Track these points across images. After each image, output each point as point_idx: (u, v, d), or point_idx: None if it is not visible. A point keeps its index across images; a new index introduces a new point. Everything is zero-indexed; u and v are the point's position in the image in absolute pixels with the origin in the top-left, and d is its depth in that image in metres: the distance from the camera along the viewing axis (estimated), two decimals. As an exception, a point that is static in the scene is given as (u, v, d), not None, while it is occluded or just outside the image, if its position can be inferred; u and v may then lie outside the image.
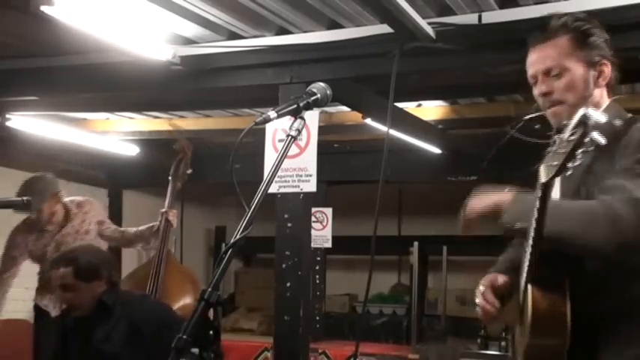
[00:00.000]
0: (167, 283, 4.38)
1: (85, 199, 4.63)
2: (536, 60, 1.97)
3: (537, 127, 2.16)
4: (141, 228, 4.60)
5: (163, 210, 4.55)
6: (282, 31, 3.70)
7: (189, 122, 5.94)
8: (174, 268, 4.51)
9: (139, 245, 4.71)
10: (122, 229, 4.67)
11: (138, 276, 4.54)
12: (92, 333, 3.09)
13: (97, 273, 3.12)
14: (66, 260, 3.11)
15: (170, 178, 4.67)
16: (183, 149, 4.70)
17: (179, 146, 4.73)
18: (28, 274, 6.13)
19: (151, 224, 4.58)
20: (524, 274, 1.73)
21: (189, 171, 4.67)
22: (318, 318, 6.38)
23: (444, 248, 6.78)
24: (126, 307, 3.13)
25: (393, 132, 4.68)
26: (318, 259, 6.40)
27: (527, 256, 1.70)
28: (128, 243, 4.69)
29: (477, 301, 2.03)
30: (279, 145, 3.50)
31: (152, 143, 6.45)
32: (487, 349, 6.06)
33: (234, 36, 3.78)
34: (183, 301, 4.27)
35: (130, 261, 6.26)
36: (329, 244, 5.28)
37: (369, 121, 4.73)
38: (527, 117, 1.90)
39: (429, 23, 3.30)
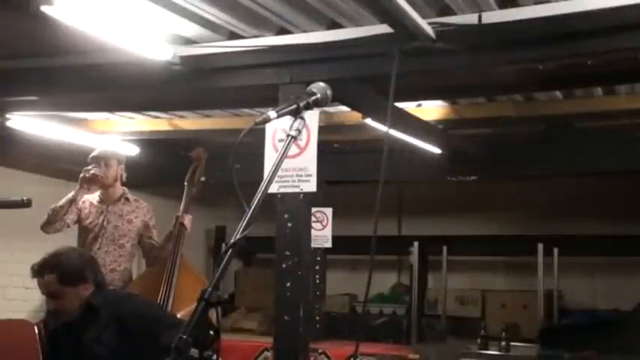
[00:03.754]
0: (180, 286, 4.40)
1: (146, 203, 4.82)
2: None
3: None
4: (161, 243, 4.66)
5: (178, 214, 4.62)
6: (282, 31, 3.70)
7: (189, 122, 5.94)
8: (188, 272, 4.53)
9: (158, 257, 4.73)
10: (156, 243, 4.70)
11: (150, 278, 4.54)
12: (82, 335, 3.06)
13: (82, 276, 3.07)
14: (49, 267, 3.03)
15: (186, 184, 4.74)
16: (199, 157, 4.78)
17: (195, 154, 4.81)
18: (27, 274, 6.13)
19: (167, 234, 4.63)
20: None
21: (203, 178, 4.74)
22: (318, 318, 6.38)
23: (444, 248, 6.79)
24: (114, 307, 3.09)
25: (393, 132, 4.68)
26: (318, 259, 6.40)
27: None
28: (153, 259, 4.71)
29: None
30: (279, 145, 3.49)
31: (152, 143, 6.45)
32: (487, 349, 6.07)
33: (234, 36, 3.78)
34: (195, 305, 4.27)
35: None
36: (329, 244, 5.27)
37: (369, 121, 4.73)
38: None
39: (429, 23, 3.30)
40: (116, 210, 4.61)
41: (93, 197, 4.66)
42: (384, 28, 3.34)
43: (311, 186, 3.58)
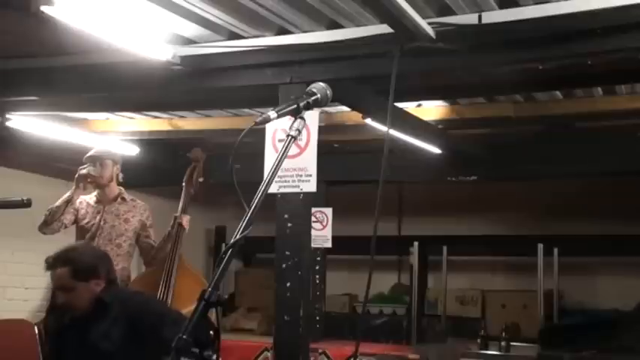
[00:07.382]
0: (178, 287, 4.41)
1: (143, 202, 4.82)
2: None
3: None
4: (160, 243, 4.67)
5: (176, 215, 4.62)
6: (282, 31, 3.70)
7: (189, 122, 5.93)
8: (186, 273, 4.54)
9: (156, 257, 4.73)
10: (153, 242, 4.70)
11: (149, 278, 4.56)
12: (90, 331, 3.07)
13: (94, 271, 3.10)
14: (62, 261, 3.07)
15: (184, 184, 4.76)
16: (197, 158, 4.79)
17: (193, 155, 4.83)
18: (28, 274, 6.13)
19: (165, 234, 4.63)
20: None
21: (201, 179, 4.76)
22: (318, 318, 6.38)
23: (444, 248, 6.79)
24: (123, 304, 3.11)
25: (393, 132, 4.68)
26: (318, 259, 6.39)
27: None
28: (151, 259, 4.71)
29: None
30: (279, 145, 3.50)
31: (152, 143, 6.45)
32: (487, 349, 6.07)
33: (234, 36, 3.78)
34: (194, 306, 4.28)
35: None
36: (329, 244, 5.28)
37: (369, 121, 4.73)
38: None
39: (429, 23, 3.30)
40: (113, 210, 4.62)
41: (90, 197, 4.66)
42: (384, 28, 3.34)
43: (311, 186, 3.58)
